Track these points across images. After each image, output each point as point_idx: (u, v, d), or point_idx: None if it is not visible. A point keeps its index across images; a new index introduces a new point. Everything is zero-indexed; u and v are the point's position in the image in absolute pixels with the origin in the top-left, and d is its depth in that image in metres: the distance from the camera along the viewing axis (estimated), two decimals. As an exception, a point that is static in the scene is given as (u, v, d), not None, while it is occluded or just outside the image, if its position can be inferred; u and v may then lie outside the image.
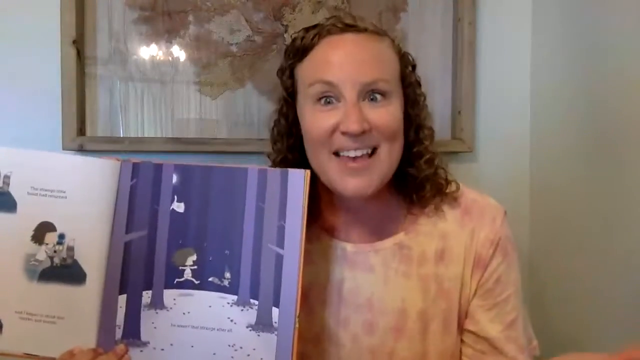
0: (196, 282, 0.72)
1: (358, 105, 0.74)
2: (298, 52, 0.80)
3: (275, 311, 0.71)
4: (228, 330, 0.71)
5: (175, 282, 0.72)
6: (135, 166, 0.74)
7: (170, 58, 1.23)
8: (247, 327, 0.71)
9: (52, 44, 1.17)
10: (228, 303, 0.71)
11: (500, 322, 0.82)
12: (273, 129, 0.87)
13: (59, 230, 0.73)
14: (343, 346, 0.82)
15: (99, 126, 1.22)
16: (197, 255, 0.72)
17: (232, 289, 0.72)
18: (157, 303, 0.72)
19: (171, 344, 0.71)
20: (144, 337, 0.72)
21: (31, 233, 0.73)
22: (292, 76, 0.82)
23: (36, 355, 0.72)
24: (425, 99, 0.85)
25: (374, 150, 0.76)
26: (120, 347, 0.71)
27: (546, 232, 1.23)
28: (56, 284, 0.72)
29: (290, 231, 0.71)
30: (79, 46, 1.18)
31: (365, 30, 0.78)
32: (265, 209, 0.72)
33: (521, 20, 1.30)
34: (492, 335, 0.81)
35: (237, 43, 1.24)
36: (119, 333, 0.72)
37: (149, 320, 0.72)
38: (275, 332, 0.70)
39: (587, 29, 1.09)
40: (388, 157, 0.77)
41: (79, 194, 0.73)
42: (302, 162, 0.81)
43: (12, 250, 0.73)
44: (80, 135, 1.19)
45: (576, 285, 1.11)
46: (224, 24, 1.23)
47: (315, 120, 0.76)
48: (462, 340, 0.84)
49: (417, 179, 0.82)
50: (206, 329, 0.71)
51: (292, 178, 0.72)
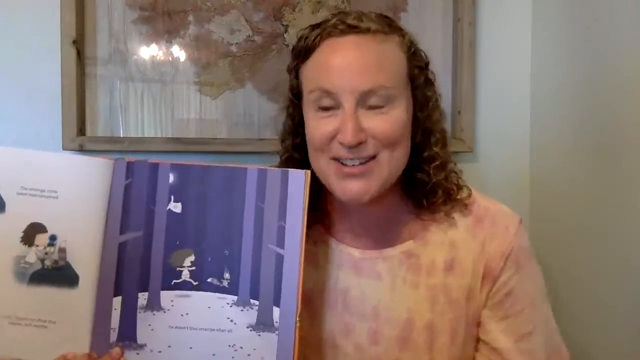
0: (194, 283, 0.71)
1: (355, 115, 0.72)
2: (301, 52, 0.78)
3: (276, 311, 0.70)
4: (228, 331, 0.70)
5: (172, 283, 0.71)
6: (130, 165, 0.72)
7: (170, 58, 1.23)
8: (247, 327, 0.70)
9: (52, 44, 1.17)
10: (228, 303, 0.71)
11: (513, 334, 0.79)
12: (283, 125, 0.86)
13: (50, 231, 0.71)
14: (346, 354, 0.80)
15: (99, 126, 1.22)
16: (195, 256, 0.71)
17: (231, 290, 0.71)
18: (154, 305, 0.71)
19: (169, 346, 0.70)
20: (140, 339, 0.70)
21: (21, 234, 0.70)
22: (297, 76, 0.81)
23: None
24: (437, 100, 0.81)
25: (373, 156, 0.74)
26: (116, 350, 0.70)
27: (546, 232, 1.23)
28: (47, 287, 0.70)
29: (291, 231, 0.71)
30: (79, 46, 1.18)
31: (368, 31, 0.74)
32: (265, 209, 0.71)
33: (521, 20, 1.30)
34: (502, 346, 0.79)
35: (237, 43, 1.24)
36: (114, 336, 0.70)
37: (145, 323, 0.71)
38: (276, 332, 0.70)
39: (587, 29, 1.09)
40: (388, 164, 0.75)
41: (71, 194, 0.71)
42: (307, 161, 0.80)
43: (0, 252, 0.70)
44: (80, 135, 1.19)
45: (576, 285, 1.11)
46: (224, 24, 1.23)
47: (316, 126, 0.75)
48: (476, 348, 0.82)
49: (427, 185, 0.79)
50: (205, 329, 0.70)
51: (292, 178, 0.72)
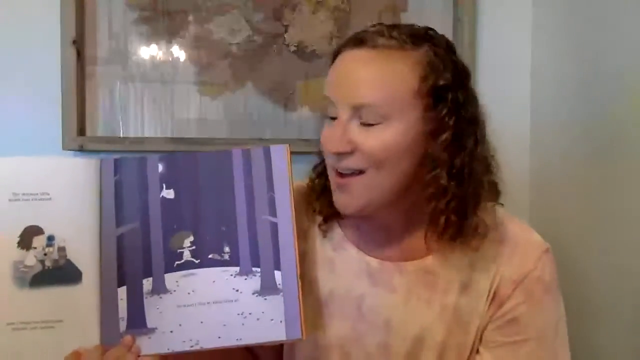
0: (196, 261, 0.73)
1: (344, 125, 0.71)
2: (330, 59, 0.78)
3: (277, 274, 0.73)
4: (235, 300, 0.72)
5: (175, 265, 0.73)
6: (117, 162, 0.75)
7: (170, 58, 1.23)
8: (253, 293, 0.73)
9: (52, 44, 1.17)
10: (231, 275, 0.73)
11: None
12: None
13: (47, 232, 0.71)
14: None
15: (99, 126, 1.22)
16: (193, 236, 0.74)
17: (233, 262, 0.74)
18: (160, 288, 0.73)
19: (179, 325, 0.72)
20: (150, 323, 0.72)
21: (17, 239, 0.70)
22: None
23: None
24: (479, 139, 0.74)
25: (360, 171, 0.72)
26: (127, 338, 0.70)
27: (546, 232, 1.22)
28: (50, 287, 0.70)
29: (280, 200, 0.75)
30: (79, 46, 1.19)
31: (378, 46, 0.72)
32: (253, 184, 0.75)
33: (521, 20, 1.30)
34: None
35: (237, 43, 1.24)
36: (123, 325, 0.72)
37: (153, 307, 0.72)
38: (281, 293, 0.73)
39: (587, 28, 1.09)
40: (374, 183, 0.72)
41: (63, 195, 0.72)
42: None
43: None
44: (80, 135, 1.19)
45: (575, 285, 1.11)
46: (224, 24, 1.23)
47: (322, 133, 0.76)
48: None
49: (438, 215, 0.73)
50: (213, 303, 0.72)
51: (274, 152, 0.76)
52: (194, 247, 0.74)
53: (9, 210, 0.71)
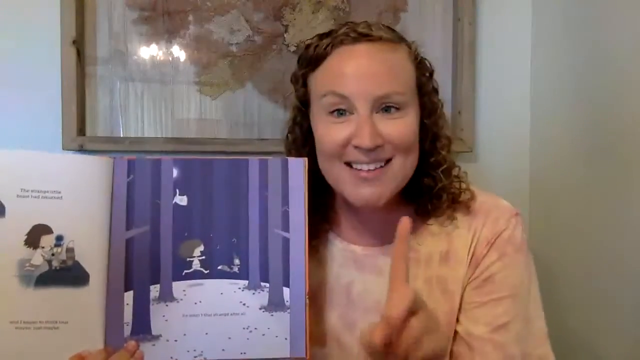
0: (205, 271, 0.73)
1: (371, 120, 0.74)
2: (311, 61, 0.79)
3: (286, 291, 0.73)
4: (241, 314, 0.73)
5: (183, 273, 0.73)
6: (131, 163, 0.74)
7: (170, 58, 1.23)
8: (260, 308, 0.73)
9: (52, 44, 1.17)
10: (239, 288, 0.73)
11: (488, 323, 0.78)
12: (287, 136, 0.87)
13: (56, 231, 0.70)
14: (350, 350, 0.81)
15: (99, 126, 1.22)
16: (204, 246, 0.73)
17: (242, 275, 0.73)
18: (167, 296, 0.72)
19: (184, 334, 0.72)
20: (155, 331, 0.72)
21: (24, 237, 0.69)
22: (305, 85, 0.81)
23: None
24: (442, 106, 0.84)
25: (387, 160, 0.76)
26: (131, 343, 0.70)
27: (545, 232, 1.23)
28: (56, 288, 0.69)
29: (294, 215, 0.74)
30: (79, 46, 1.18)
31: (379, 39, 0.76)
32: (268, 196, 0.75)
33: (521, 20, 1.30)
34: (476, 334, 0.78)
35: (237, 43, 1.24)
36: (128, 330, 0.71)
37: (159, 314, 0.72)
38: (288, 310, 0.73)
39: (587, 28, 1.09)
40: (402, 169, 0.77)
41: (74, 194, 0.70)
42: (316, 170, 0.80)
43: (2, 257, 0.68)
44: (80, 135, 1.19)
45: (575, 285, 1.11)
46: (224, 24, 1.23)
47: (328, 132, 0.76)
48: (454, 338, 0.81)
49: (433, 189, 0.81)
50: (219, 315, 0.72)
51: (292, 165, 0.75)
52: (203, 257, 0.73)
53: (17, 206, 0.69)
